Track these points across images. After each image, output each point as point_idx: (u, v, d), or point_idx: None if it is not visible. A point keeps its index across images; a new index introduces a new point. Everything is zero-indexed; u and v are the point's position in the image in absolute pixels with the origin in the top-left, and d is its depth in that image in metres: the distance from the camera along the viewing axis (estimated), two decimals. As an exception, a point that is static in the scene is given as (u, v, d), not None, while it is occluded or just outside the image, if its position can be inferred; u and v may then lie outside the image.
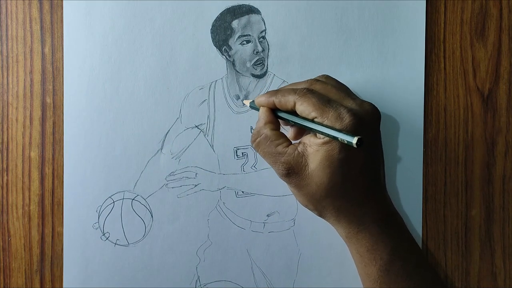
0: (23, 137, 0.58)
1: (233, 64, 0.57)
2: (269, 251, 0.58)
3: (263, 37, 0.57)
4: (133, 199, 0.58)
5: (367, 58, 0.57)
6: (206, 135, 0.58)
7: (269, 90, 0.57)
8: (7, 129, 0.58)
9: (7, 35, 0.58)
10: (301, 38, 0.57)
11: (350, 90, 0.51)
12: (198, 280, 0.58)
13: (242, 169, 0.58)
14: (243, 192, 0.58)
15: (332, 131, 0.46)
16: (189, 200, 0.58)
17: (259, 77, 0.57)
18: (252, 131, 0.52)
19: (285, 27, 0.57)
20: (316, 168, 0.47)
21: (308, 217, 0.58)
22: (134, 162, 0.58)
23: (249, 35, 0.57)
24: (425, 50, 0.57)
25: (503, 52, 0.58)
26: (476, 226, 0.58)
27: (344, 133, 0.45)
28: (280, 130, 0.52)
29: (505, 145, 0.58)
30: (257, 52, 0.57)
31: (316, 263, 0.58)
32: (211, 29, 0.57)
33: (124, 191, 0.58)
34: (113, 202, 0.58)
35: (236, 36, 0.57)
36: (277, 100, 0.50)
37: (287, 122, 0.52)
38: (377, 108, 0.49)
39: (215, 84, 0.58)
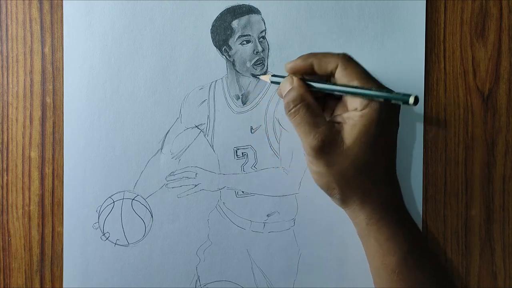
0: (23, 137, 0.58)
1: (233, 64, 0.57)
2: (269, 251, 0.58)
3: (263, 37, 0.57)
4: (133, 199, 0.58)
5: (367, 58, 0.57)
6: (206, 135, 0.58)
7: (269, 90, 0.57)
8: (7, 129, 0.58)
9: (7, 35, 0.58)
10: (301, 38, 0.57)
11: None
12: (198, 280, 0.58)
13: (242, 169, 0.58)
14: (243, 192, 0.58)
15: (386, 94, 0.45)
16: (189, 200, 0.58)
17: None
18: (287, 98, 0.49)
19: (285, 27, 0.57)
20: (352, 144, 0.46)
21: (308, 217, 0.58)
22: (134, 162, 0.58)
23: (249, 35, 0.57)
24: (425, 50, 0.57)
25: (503, 52, 0.58)
26: (476, 226, 0.58)
27: (399, 94, 0.44)
28: None
29: (505, 145, 0.58)
30: (257, 52, 0.57)
31: (316, 263, 0.58)
32: (211, 29, 0.57)
33: (124, 191, 0.58)
34: (113, 202, 0.58)
35: (236, 36, 0.57)
36: (317, 61, 0.49)
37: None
38: None
39: (215, 84, 0.58)
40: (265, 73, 0.57)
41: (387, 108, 0.47)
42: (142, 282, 0.58)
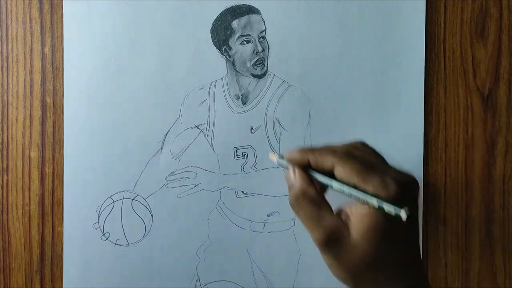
0: (23, 137, 0.58)
1: (233, 64, 0.57)
2: (269, 251, 0.58)
3: (263, 37, 0.57)
4: (133, 199, 0.58)
5: (367, 58, 0.57)
6: (206, 135, 0.58)
7: (269, 90, 0.57)
8: (7, 129, 0.58)
9: (7, 35, 0.58)
10: (301, 38, 0.57)
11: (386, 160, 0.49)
12: (198, 280, 0.58)
13: (242, 169, 0.58)
14: (243, 192, 0.58)
15: (378, 200, 0.43)
16: (189, 200, 0.58)
17: (259, 77, 0.57)
18: (290, 193, 0.48)
19: (285, 27, 0.57)
20: (360, 238, 0.44)
21: (308, 217, 0.58)
22: (134, 162, 0.58)
23: (249, 35, 0.57)
24: (425, 50, 0.57)
25: (503, 52, 0.58)
26: (476, 226, 0.58)
27: (391, 203, 0.42)
28: None
29: (505, 145, 0.58)
30: (257, 52, 0.57)
31: (316, 263, 0.58)
32: (211, 29, 0.57)
33: (124, 191, 0.58)
34: (113, 202, 0.58)
35: (236, 36, 0.57)
36: (313, 159, 0.47)
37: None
38: (417, 181, 0.46)
39: (215, 84, 0.58)
40: (264, 73, 0.57)
41: (396, 198, 0.44)
42: (142, 282, 0.58)
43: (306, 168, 0.48)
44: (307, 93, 0.57)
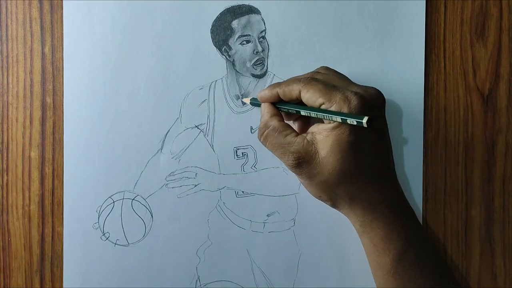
0: (23, 137, 0.58)
1: (233, 64, 0.57)
2: (269, 251, 0.58)
3: (263, 37, 0.57)
4: (133, 199, 0.58)
5: (367, 58, 0.57)
6: (206, 135, 0.58)
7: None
8: (7, 129, 0.58)
9: (7, 35, 0.58)
10: (301, 38, 0.57)
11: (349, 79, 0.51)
12: (198, 280, 0.58)
13: (242, 169, 0.58)
14: (243, 192, 0.58)
15: (341, 115, 0.45)
16: (189, 200, 0.58)
17: (259, 77, 0.57)
18: (258, 126, 0.52)
19: (285, 27, 0.57)
20: (327, 154, 0.47)
21: (308, 217, 0.58)
22: (134, 162, 0.58)
23: (249, 35, 0.57)
24: (425, 50, 0.57)
25: (503, 52, 0.58)
26: (476, 226, 0.58)
27: (353, 115, 0.45)
28: None
29: (505, 145, 0.58)
30: (257, 52, 0.57)
31: (316, 263, 0.58)
32: (211, 29, 0.57)
33: (124, 191, 0.58)
34: (113, 202, 0.58)
35: (236, 36, 0.57)
36: (281, 91, 0.50)
37: (289, 117, 0.53)
38: (381, 92, 0.49)
39: (215, 84, 0.58)
40: (264, 73, 0.57)
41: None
42: (142, 282, 0.58)
43: (274, 103, 0.52)
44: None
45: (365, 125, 0.44)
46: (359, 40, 0.57)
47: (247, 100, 0.56)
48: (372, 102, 0.47)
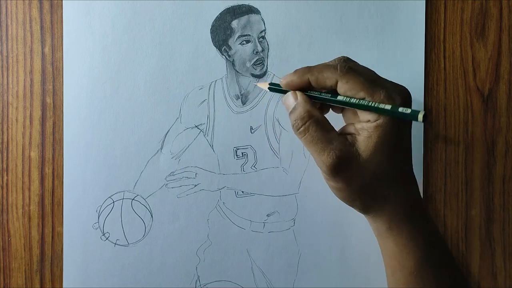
0: (23, 137, 0.58)
1: (233, 64, 0.57)
2: (269, 251, 0.58)
3: (263, 37, 0.57)
4: (133, 199, 0.58)
5: (367, 58, 0.57)
6: (206, 135, 0.58)
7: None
8: (7, 129, 0.58)
9: (7, 35, 0.58)
10: (301, 38, 0.57)
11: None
12: (198, 280, 0.58)
13: (242, 169, 0.58)
14: (243, 192, 0.58)
15: (392, 106, 0.42)
16: (189, 200, 0.58)
17: (258, 77, 0.57)
18: (294, 116, 0.46)
19: (284, 27, 0.57)
20: (370, 156, 0.44)
21: (308, 217, 0.58)
22: (134, 162, 0.58)
23: (249, 35, 0.57)
24: (425, 50, 0.57)
25: (503, 52, 0.58)
26: (476, 226, 0.58)
27: (410, 109, 0.42)
28: None
29: (505, 145, 0.58)
30: (256, 52, 0.57)
31: (316, 263, 0.58)
32: (210, 29, 0.57)
33: (124, 191, 0.58)
34: (113, 202, 0.58)
35: (236, 36, 0.57)
36: (313, 78, 0.46)
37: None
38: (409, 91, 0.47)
39: (215, 84, 0.58)
40: (264, 73, 0.57)
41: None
42: (142, 282, 0.58)
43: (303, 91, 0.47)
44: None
45: (420, 120, 0.41)
46: (359, 40, 0.57)
47: (264, 85, 0.51)
48: (408, 99, 0.45)
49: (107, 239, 0.58)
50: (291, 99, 0.47)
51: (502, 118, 0.58)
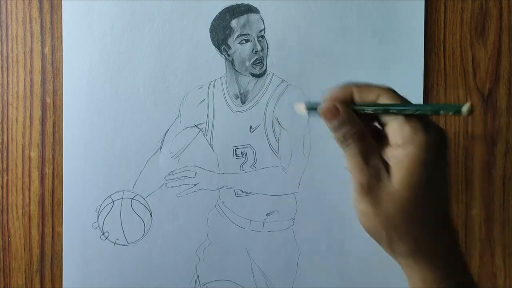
0: (23, 137, 0.59)
1: (232, 63, 0.57)
2: (269, 250, 0.58)
3: (262, 36, 0.57)
4: (133, 198, 0.58)
5: (366, 58, 0.57)
6: (205, 134, 0.58)
7: (268, 89, 0.57)
8: (7, 129, 0.58)
9: (7, 35, 0.58)
10: (300, 37, 0.57)
11: None
12: (197, 280, 0.58)
13: (242, 168, 0.58)
14: (242, 191, 0.58)
15: (436, 105, 0.40)
16: (188, 199, 0.58)
17: (258, 76, 0.57)
18: (341, 130, 0.43)
19: (284, 27, 0.57)
20: (400, 186, 0.41)
21: (308, 216, 0.58)
22: (134, 161, 0.58)
23: (248, 34, 0.57)
24: (425, 50, 0.57)
25: (503, 52, 0.58)
26: (476, 226, 0.58)
27: (452, 104, 0.41)
28: None
29: (505, 145, 0.58)
30: (256, 51, 0.57)
31: (316, 262, 0.58)
32: (210, 29, 0.57)
33: (123, 191, 0.58)
34: (113, 201, 0.58)
35: (235, 35, 0.57)
36: (357, 89, 0.43)
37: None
38: None
39: (214, 83, 0.58)
40: (264, 72, 0.57)
41: (433, 143, 0.41)
42: (141, 282, 0.58)
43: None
44: (306, 92, 0.57)
45: (465, 113, 0.38)
46: (359, 40, 0.57)
47: (301, 109, 0.44)
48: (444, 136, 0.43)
49: (106, 238, 0.58)
50: (329, 113, 0.44)
51: (502, 118, 0.58)
